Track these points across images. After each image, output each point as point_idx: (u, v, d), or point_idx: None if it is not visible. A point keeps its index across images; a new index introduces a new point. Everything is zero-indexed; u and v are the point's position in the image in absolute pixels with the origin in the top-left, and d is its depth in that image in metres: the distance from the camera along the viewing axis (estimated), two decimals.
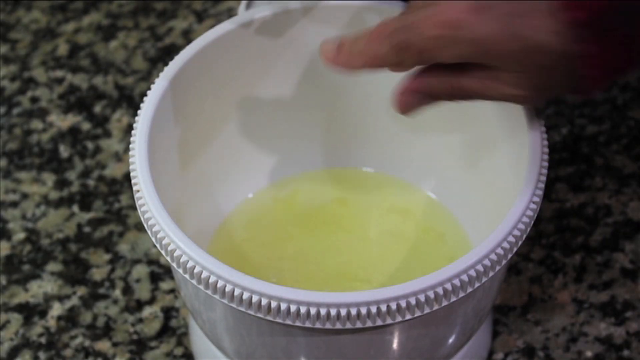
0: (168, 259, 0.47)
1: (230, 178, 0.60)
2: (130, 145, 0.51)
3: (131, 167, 0.50)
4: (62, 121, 0.72)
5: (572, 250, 0.64)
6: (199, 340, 0.59)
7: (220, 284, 0.45)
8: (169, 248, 0.47)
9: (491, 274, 0.47)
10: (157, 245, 0.48)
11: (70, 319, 0.62)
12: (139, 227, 0.66)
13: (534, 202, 0.48)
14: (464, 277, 0.46)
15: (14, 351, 0.61)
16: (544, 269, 0.63)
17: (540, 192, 0.49)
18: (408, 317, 0.45)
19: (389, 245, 0.59)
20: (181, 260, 0.46)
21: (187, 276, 0.46)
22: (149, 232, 0.48)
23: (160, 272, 0.64)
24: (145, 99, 0.53)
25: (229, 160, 0.60)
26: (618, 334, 0.60)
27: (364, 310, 0.45)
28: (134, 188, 0.49)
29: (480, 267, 0.46)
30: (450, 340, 0.51)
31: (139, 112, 0.52)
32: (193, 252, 0.46)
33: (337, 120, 0.61)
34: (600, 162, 0.68)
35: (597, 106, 0.71)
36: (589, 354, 0.60)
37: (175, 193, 0.54)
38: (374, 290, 0.45)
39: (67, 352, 0.61)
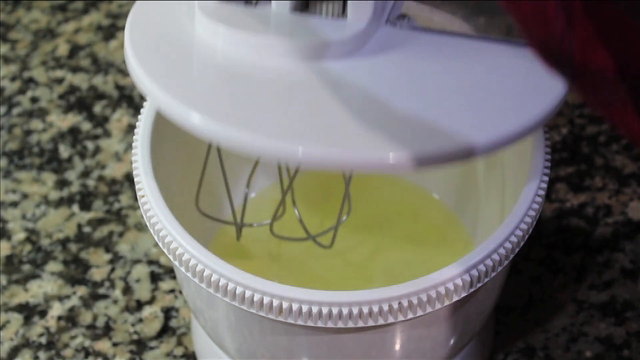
0: (170, 257, 0.47)
1: (233, 178, 0.60)
2: (133, 144, 0.51)
3: (134, 165, 0.50)
4: (62, 121, 0.72)
5: (572, 250, 0.64)
6: (201, 340, 0.59)
7: (222, 282, 0.46)
8: (172, 246, 0.47)
9: (493, 274, 0.47)
10: (160, 244, 0.48)
11: (70, 319, 0.62)
12: (139, 227, 0.66)
13: (536, 203, 0.48)
14: (466, 277, 0.46)
15: (14, 351, 0.61)
16: (544, 269, 0.63)
17: (542, 193, 0.49)
18: (410, 316, 0.45)
19: (391, 244, 0.59)
20: (183, 258, 0.47)
21: (189, 274, 0.46)
22: (151, 230, 0.48)
23: (161, 272, 0.64)
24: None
25: (232, 159, 0.60)
26: (618, 334, 0.60)
27: (365, 309, 0.45)
28: (137, 186, 0.50)
29: (482, 267, 0.46)
30: (452, 341, 0.51)
31: (141, 110, 0.53)
32: (195, 250, 0.46)
33: None
34: (600, 162, 0.68)
35: None
36: (588, 354, 0.60)
37: (177, 192, 0.54)
38: (376, 289, 0.45)
39: (67, 352, 0.61)
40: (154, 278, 0.64)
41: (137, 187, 0.50)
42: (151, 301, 0.63)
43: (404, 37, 0.46)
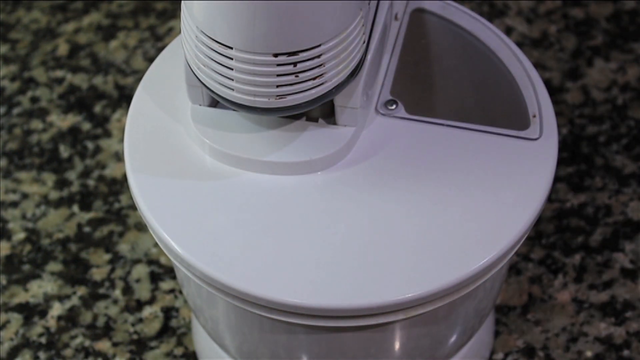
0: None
1: None
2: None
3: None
4: (62, 121, 0.72)
5: (572, 250, 0.64)
6: (201, 340, 0.59)
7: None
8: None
9: (491, 273, 0.47)
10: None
11: (70, 319, 0.62)
12: (139, 227, 0.66)
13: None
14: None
15: (14, 351, 0.61)
16: (544, 269, 0.63)
17: None
18: (409, 315, 0.45)
19: None
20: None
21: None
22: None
23: (160, 272, 0.64)
24: None
25: None
26: (618, 334, 0.60)
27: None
28: None
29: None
30: (451, 340, 0.51)
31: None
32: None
33: None
34: (600, 162, 0.68)
35: (597, 106, 0.71)
36: (589, 354, 0.60)
37: None
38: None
39: (67, 352, 0.61)
40: (154, 278, 0.64)
41: None
42: (151, 301, 0.63)
43: (390, 133, 0.48)
